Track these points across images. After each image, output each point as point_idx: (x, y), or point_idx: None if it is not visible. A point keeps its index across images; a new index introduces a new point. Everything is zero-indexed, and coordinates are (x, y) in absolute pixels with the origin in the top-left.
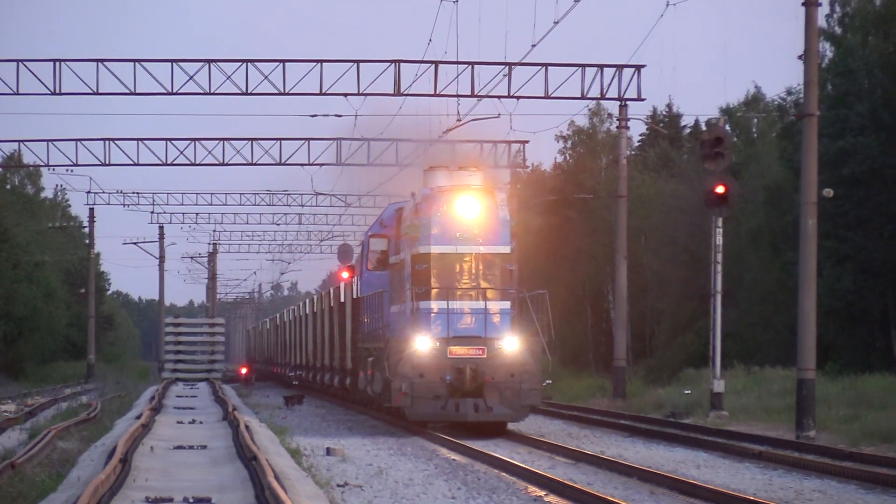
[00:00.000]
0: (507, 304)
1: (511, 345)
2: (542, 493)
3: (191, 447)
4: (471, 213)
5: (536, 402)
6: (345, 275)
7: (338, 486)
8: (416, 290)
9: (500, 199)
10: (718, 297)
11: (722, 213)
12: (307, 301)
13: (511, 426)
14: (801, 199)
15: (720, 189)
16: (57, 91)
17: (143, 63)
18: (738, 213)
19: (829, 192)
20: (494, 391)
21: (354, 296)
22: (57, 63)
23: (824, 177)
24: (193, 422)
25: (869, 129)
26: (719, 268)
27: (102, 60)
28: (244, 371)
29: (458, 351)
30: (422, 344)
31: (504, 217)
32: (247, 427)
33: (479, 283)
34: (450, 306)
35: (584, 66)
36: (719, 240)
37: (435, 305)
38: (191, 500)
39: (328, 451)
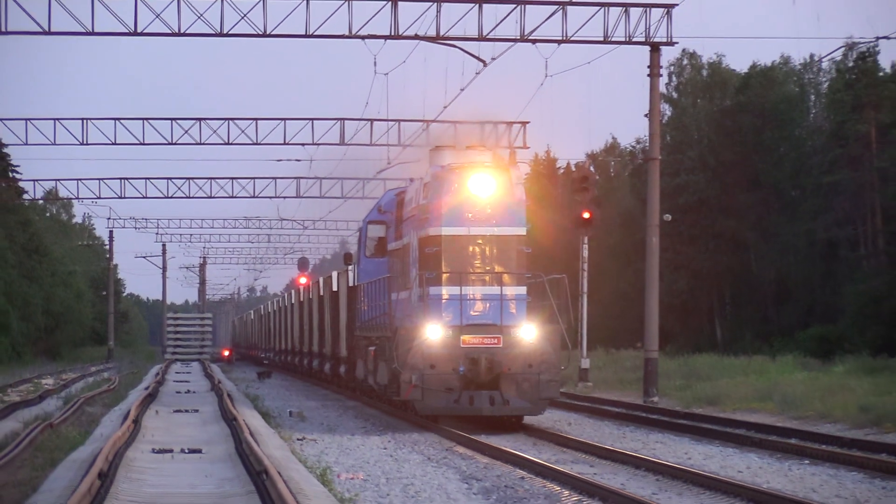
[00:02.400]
0: (523, 290)
1: (529, 333)
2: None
3: (186, 411)
4: (484, 192)
5: (555, 395)
6: (302, 280)
7: (297, 439)
8: (426, 274)
9: (514, 176)
10: (585, 297)
11: (587, 232)
12: (293, 293)
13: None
14: (647, 222)
15: (586, 215)
16: (85, 142)
17: (150, 121)
18: (600, 233)
19: (668, 216)
20: (511, 383)
21: (350, 284)
22: (84, 122)
23: (664, 205)
24: (188, 392)
25: (698, 169)
26: (585, 274)
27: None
28: (226, 353)
29: (472, 340)
30: (433, 333)
31: (520, 196)
32: (229, 395)
33: (493, 267)
34: (463, 292)
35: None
36: (585, 253)
37: (446, 291)
38: (186, 451)
39: (290, 414)
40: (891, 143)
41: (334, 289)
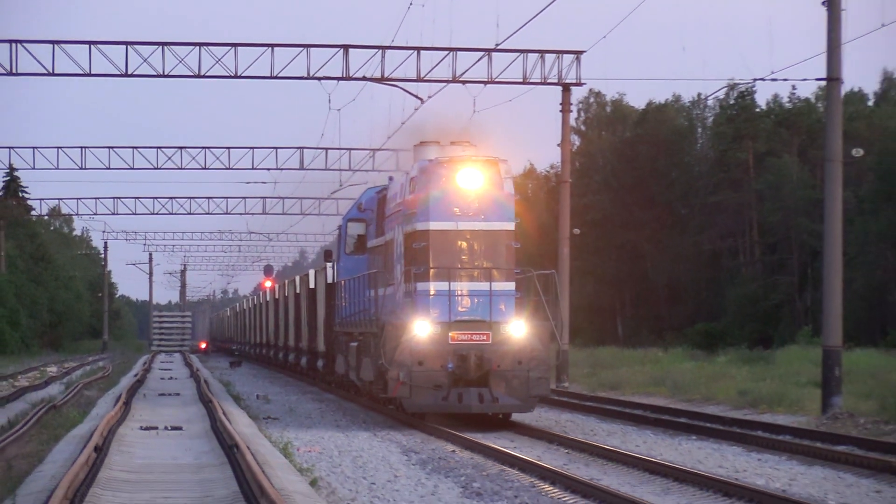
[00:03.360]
0: (512, 286)
1: (518, 330)
2: None
3: (169, 394)
4: (473, 186)
5: (545, 392)
6: (267, 283)
7: (263, 418)
8: (414, 270)
9: (503, 170)
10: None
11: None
12: (268, 291)
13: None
14: (560, 235)
15: None
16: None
17: (139, 150)
18: (521, 245)
19: (576, 230)
20: (500, 380)
21: (329, 281)
22: (83, 149)
23: (574, 221)
24: (171, 378)
25: (602, 191)
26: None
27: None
28: (203, 346)
29: (461, 336)
30: (421, 329)
31: (508, 191)
32: (205, 381)
33: (482, 262)
34: (451, 288)
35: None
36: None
37: (434, 287)
38: (169, 428)
39: (257, 397)
40: (766, 168)
41: (311, 286)
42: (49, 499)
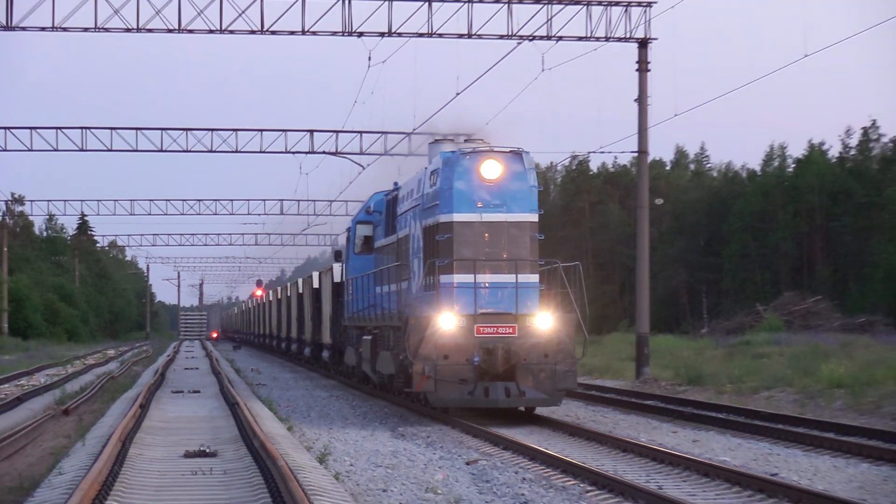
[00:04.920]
0: (536, 278)
1: (544, 322)
2: None
3: (191, 368)
4: (497, 178)
5: (573, 386)
6: (258, 292)
7: (255, 384)
8: (438, 262)
9: (527, 161)
10: None
11: None
12: (271, 292)
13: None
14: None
15: None
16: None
17: (171, 202)
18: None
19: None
20: (527, 374)
21: (336, 280)
22: (132, 202)
23: None
24: (193, 357)
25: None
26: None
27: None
28: (214, 335)
29: (487, 329)
30: (446, 322)
31: (532, 182)
32: (216, 360)
33: (506, 253)
34: (477, 280)
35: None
36: None
37: (459, 279)
38: (191, 392)
39: (251, 370)
40: (597, 213)
41: (315, 286)
42: (108, 440)
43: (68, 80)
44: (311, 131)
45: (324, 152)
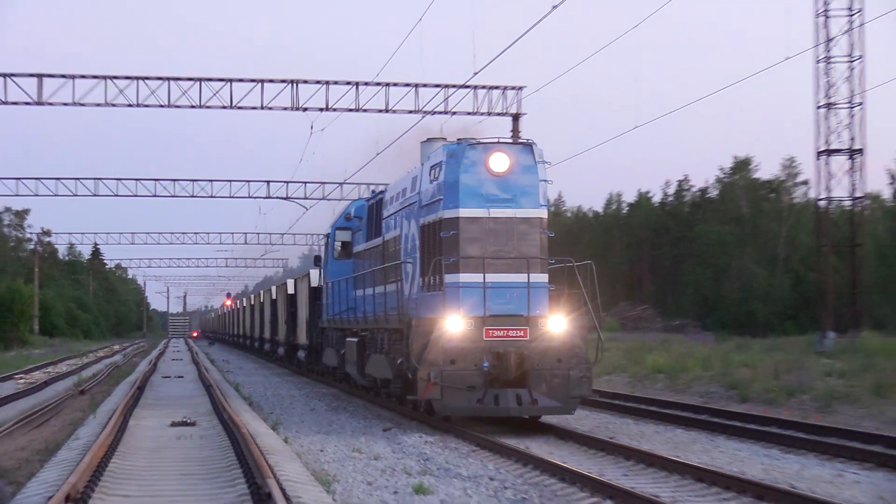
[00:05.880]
0: (545, 278)
1: (557, 325)
2: None
3: (177, 360)
4: (505, 171)
5: (587, 393)
6: (228, 302)
7: (226, 371)
8: (443, 260)
9: (537, 154)
10: None
11: None
12: (245, 299)
13: None
14: None
15: None
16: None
17: (163, 234)
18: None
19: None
20: (540, 380)
21: (313, 285)
22: (132, 234)
23: None
24: (178, 351)
25: None
26: None
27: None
28: (195, 334)
29: (496, 333)
30: (453, 325)
31: (542, 176)
32: (196, 353)
33: (515, 251)
34: (485, 279)
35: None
36: None
37: (465, 278)
38: (176, 376)
39: (223, 361)
40: None
41: (290, 293)
42: (113, 413)
43: (87, 143)
44: (268, 181)
45: (278, 197)
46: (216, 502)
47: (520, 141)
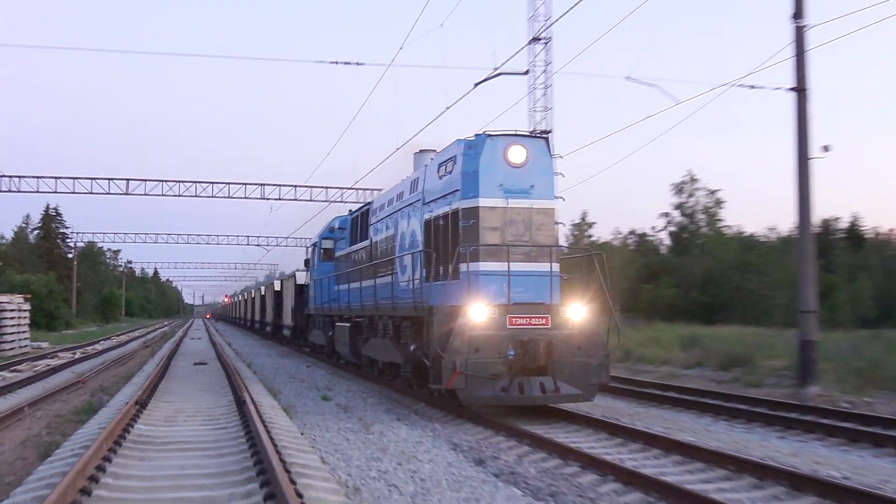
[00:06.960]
0: (557, 267)
1: (577, 313)
2: None
3: (199, 329)
4: (522, 163)
5: (606, 380)
6: (225, 299)
7: (234, 351)
8: (464, 249)
9: (551, 147)
10: None
11: None
12: (243, 293)
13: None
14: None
15: None
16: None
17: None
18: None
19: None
20: (562, 368)
21: (298, 282)
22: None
23: None
24: (198, 329)
25: None
26: None
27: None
28: (209, 315)
29: (519, 321)
30: (477, 313)
31: (555, 168)
32: (208, 328)
33: (532, 241)
34: (504, 268)
35: None
36: None
37: (486, 266)
38: (197, 338)
39: (229, 344)
40: None
41: (277, 290)
42: (145, 383)
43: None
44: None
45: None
46: (216, 404)
47: (536, 134)
